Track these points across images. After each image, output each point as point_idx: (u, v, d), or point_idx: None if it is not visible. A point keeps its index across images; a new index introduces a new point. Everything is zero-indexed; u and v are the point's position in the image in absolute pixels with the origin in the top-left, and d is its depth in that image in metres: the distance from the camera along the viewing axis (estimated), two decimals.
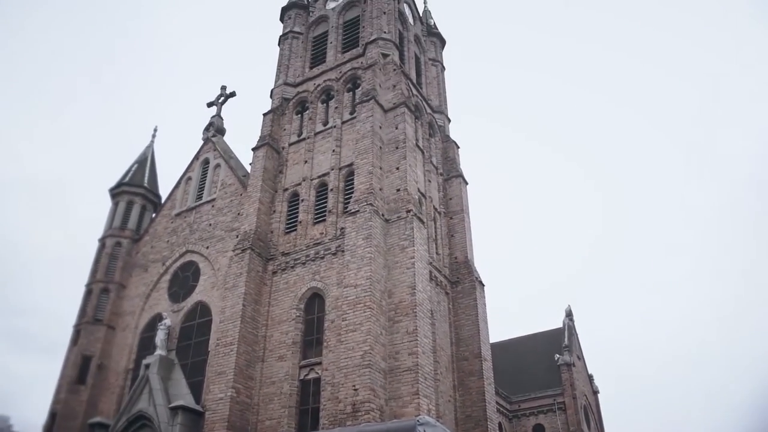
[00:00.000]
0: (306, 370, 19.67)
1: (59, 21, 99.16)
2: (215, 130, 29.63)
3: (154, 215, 29.54)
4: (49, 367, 66.63)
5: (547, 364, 38.19)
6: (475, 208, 27.75)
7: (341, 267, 19.97)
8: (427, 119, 26.91)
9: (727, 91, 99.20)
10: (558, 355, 37.96)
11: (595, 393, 42.44)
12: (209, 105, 31.13)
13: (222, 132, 29.85)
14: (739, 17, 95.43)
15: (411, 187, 21.24)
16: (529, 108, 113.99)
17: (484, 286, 24.31)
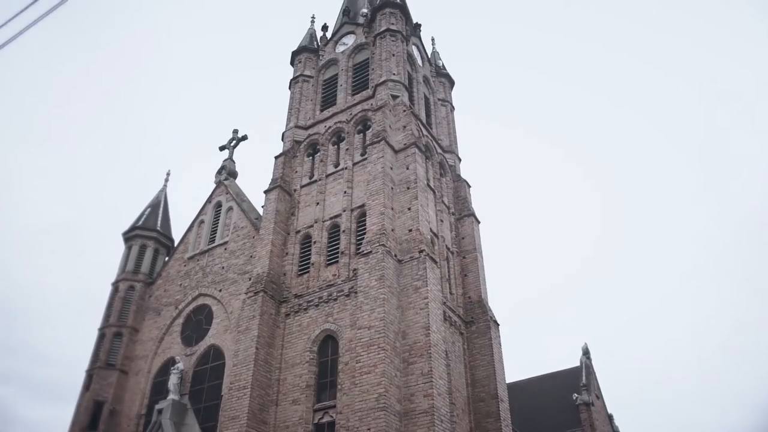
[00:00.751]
0: (320, 413, 19.41)
1: (67, 63, 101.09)
2: (227, 173, 29.90)
3: (167, 259, 29.64)
4: (61, 413, 66.17)
5: (565, 404, 37.49)
6: (477, 206, 27.68)
7: (354, 308, 19.87)
8: (438, 159, 27.03)
9: (728, 91, 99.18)
10: (576, 395, 37.32)
11: None
12: (221, 149, 31.51)
13: (234, 175, 30.12)
14: (739, 17, 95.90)
15: (423, 227, 21.23)
16: (529, 108, 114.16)
17: (498, 325, 24.08)
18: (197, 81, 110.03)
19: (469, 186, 28.24)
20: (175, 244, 29.81)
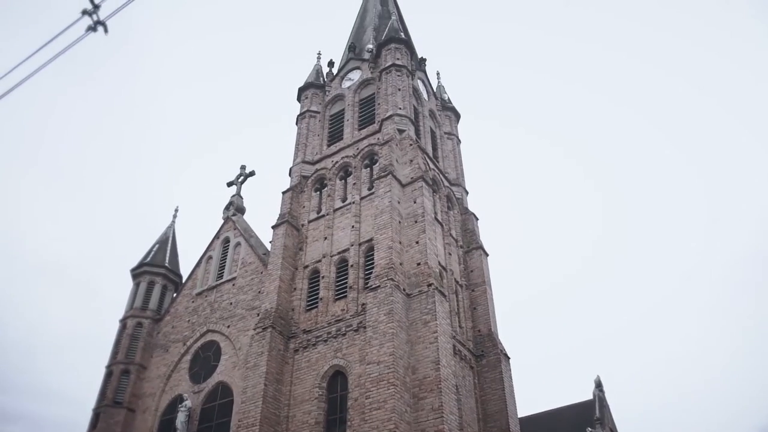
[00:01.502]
0: None
1: (73, 109, 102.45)
2: (235, 209, 30.03)
3: (175, 295, 29.61)
4: None
5: None
6: (477, 206, 27.64)
7: (363, 343, 19.73)
8: (445, 192, 27.09)
9: (728, 91, 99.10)
10: (590, 429, 36.72)
11: None
12: (229, 184, 31.68)
13: (242, 211, 30.23)
14: (739, 17, 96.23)
15: (431, 261, 21.17)
16: (529, 108, 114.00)
17: (509, 358, 23.86)
18: (205, 119, 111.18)
19: (477, 219, 28.25)
20: (184, 280, 29.82)
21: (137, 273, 30.22)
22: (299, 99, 31.25)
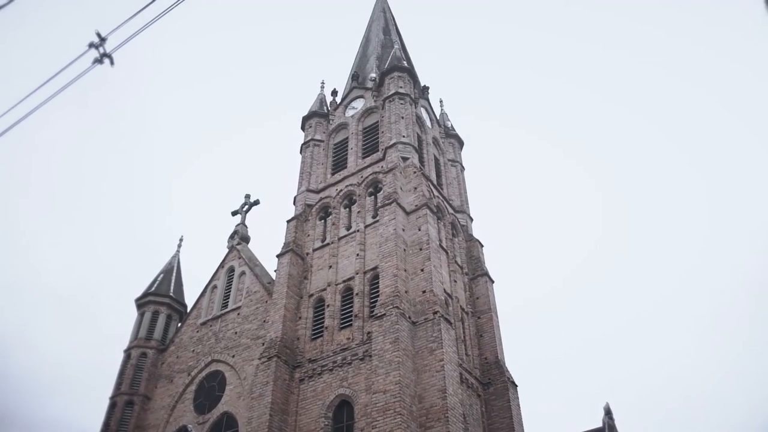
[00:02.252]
0: None
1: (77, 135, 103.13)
2: (240, 238, 30.05)
3: (179, 325, 29.52)
4: None
5: None
6: (476, 209, 27.63)
7: (369, 372, 19.58)
8: (450, 219, 27.09)
9: (729, 91, 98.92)
10: None
11: None
12: (233, 214, 31.76)
13: (246, 240, 30.25)
14: (739, 17, 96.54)
15: (437, 288, 21.10)
16: (529, 108, 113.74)
17: (517, 386, 23.63)
18: (209, 148, 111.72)
19: (482, 245, 28.20)
20: (188, 309, 29.72)
21: (142, 303, 30.15)
22: (303, 128, 31.45)
